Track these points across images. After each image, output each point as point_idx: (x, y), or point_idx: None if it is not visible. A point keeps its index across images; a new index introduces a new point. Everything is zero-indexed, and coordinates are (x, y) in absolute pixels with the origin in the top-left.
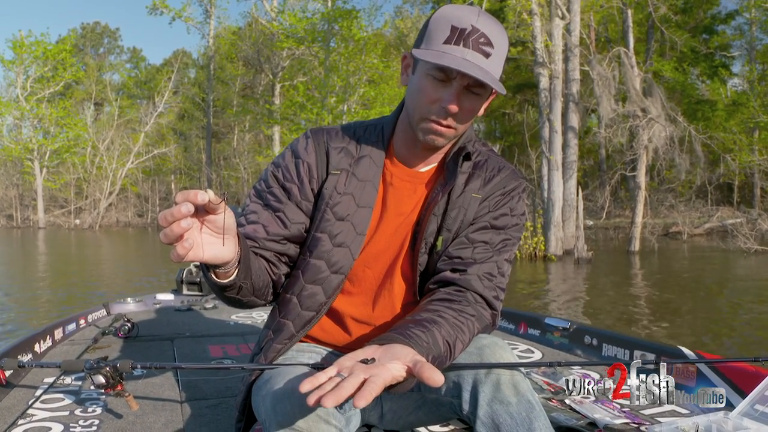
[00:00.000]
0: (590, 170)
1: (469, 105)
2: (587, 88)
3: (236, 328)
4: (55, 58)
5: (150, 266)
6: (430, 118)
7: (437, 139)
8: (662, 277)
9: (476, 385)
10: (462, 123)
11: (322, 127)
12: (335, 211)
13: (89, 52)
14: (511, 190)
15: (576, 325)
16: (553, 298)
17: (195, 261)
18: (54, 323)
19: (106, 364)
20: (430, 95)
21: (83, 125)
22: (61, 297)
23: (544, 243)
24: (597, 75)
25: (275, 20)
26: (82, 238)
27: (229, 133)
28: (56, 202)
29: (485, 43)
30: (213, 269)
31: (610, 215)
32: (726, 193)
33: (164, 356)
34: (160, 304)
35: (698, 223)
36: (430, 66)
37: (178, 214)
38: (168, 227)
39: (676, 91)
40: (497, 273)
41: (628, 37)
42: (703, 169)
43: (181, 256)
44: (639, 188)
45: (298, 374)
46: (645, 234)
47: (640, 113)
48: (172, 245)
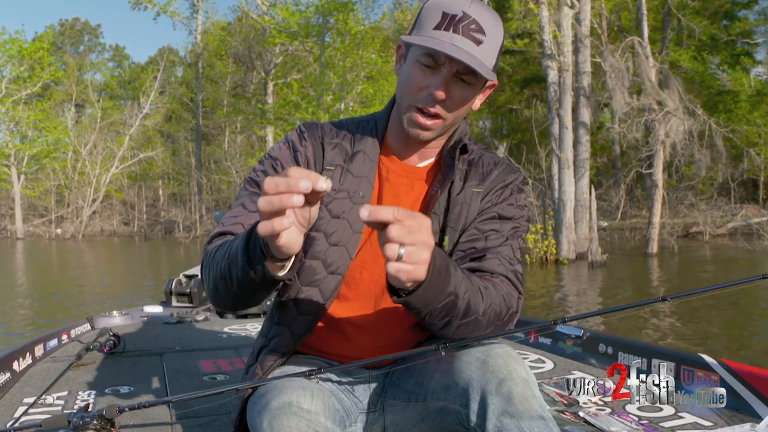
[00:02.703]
0: (604, 168)
1: (459, 94)
2: (599, 81)
3: (229, 341)
4: (32, 57)
5: (137, 277)
6: (417, 106)
7: (421, 133)
8: (682, 280)
9: (485, 396)
10: (450, 112)
11: (314, 122)
12: (330, 208)
13: (68, 51)
14: (511, 182)
15: (590, 333)
16: (565, 305)
17: (278, 243)
18: (34, 339)
19: (91, 415)
20: (418, 82)
21: (63, 128)
22: (41, 311)
23: (555, 246)
24: (609, 67)
25: (267, 14)
26: (64, 248)
27: (219, 135)
28: (35, 210)
29: (476, 30)
30: (272, 259)
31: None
32: (750, 190)
33: (152, 373)
34: (147, 317)
35: (720, 222)
36: (419, 52)
37: (296, 187)
38: (276, 196)
39: (694, 82)
40: (513, 257)
41: (643, 26)
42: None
43: (276, 230)
44: (656, 186)
45: (295, 388)
46: (663, 235)
47: (656, 106)
48: (265, 217)
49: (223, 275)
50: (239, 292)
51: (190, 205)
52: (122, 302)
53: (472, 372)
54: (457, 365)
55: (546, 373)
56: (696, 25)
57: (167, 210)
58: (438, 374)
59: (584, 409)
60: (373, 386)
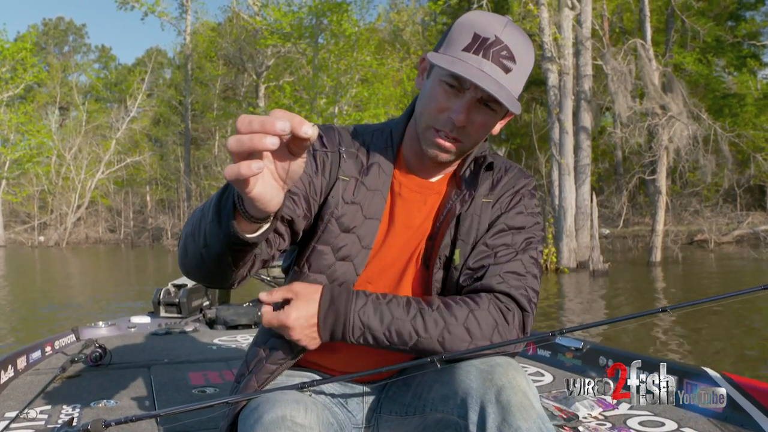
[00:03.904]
0: (605, 174)
1: (480, 120)
2: (601, 85)
3: (219, 353)
4: (14, 58)
5: (123, 286)
6: (436, 128)
7: (440, 154)
8: (687, 290)
9: (484, 406)
10: (469, 138)
11: (331, 126)
12: (341, 221)
13: (52, 51)
14: (521, 188)
15: (590, 345)
16: (565, 315)
17: (250, 194)
18: (17, 351)
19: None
20: (440, 103)
21: (47, 132)
22: (24, 322)
23: (555, 254)
24: (611, 70)
25: (258, 15)
26: (48, 256)
27: (209, 139)
28: (18, 217)
29: (507, 57)
30: (244, 216)
31: (628, 223)
32: (757, 197)
33: (140, 386)
34: (135, 327)
35: (726, 230)
36: (444, 72)
37: (271, 127)
38: (248, 135)
39: (699, 86)
40: (525, 272)
41: (645, 28)
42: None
43: (242, 174)
44: (659, 193)
45: (288, 401)
46: (667, 243)
47: (660, 111)
48: (236, 159)
49: (193, 230)
50: (204, 253)
51: (178, 212)
52: (108, 312)
53: (471, 382)
54: (456, 375)
55: (545, 386)
56: (700, 27)
57: (155, 217)
58: (437, 385)
59: (584, 424)
60: (368, 400)
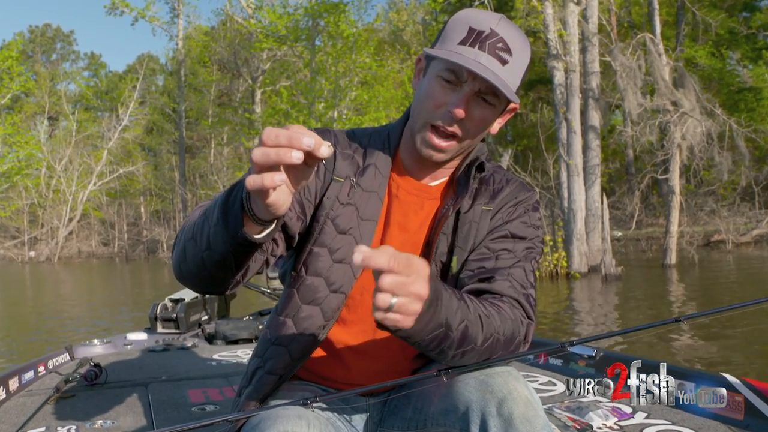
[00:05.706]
0: (616, 174)
1: (479, 114)
2: (609, 82)
3: (219, 369)
4: (0, 67)
5: (119, 302)
6: (433, 124)
7: (435, 154)
8: (705, 293)
9: (485, 419)
10: (468, 132)
11: (327, 129)
12: (336, 223)
13: (40, 59)
14: (523, 200)
15: (603, 353)
16: (577, 322)
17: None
18: (8, 371)
19: None
20: (437, 98)
21: (36, 143)
22: (15, 341)
23: (566, 259)
24: (620, 66)
25: (252, 18)
26: (39, 272)
27: (204, 147)
28: (7, 232)
29: (503, 49)
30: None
31: (641, 225)
32: None
33: (137, 405)
34: (131, 344)
35: (744, 230)
36: (440, 67)
37: (297, 142)
38: (274, 149)
39: (712, 80)
40: (526, 282)
41: (655, 21)
42: (748, 167)
43: (265, 186)
44: (673, 193)
45: (290, 417)
46: (682, 244)
47: (671, 107)
48: (258, 170)
49: (194, 234)
50: (206, 256)
51: (174, 223)
52: (104, 329)
53: (470, 394)
54: (456, 388)
55: (557, 396)
56: (712, 19)
57: (150, 228)
58: (437, 399)
59: None
60: (371, 415)
